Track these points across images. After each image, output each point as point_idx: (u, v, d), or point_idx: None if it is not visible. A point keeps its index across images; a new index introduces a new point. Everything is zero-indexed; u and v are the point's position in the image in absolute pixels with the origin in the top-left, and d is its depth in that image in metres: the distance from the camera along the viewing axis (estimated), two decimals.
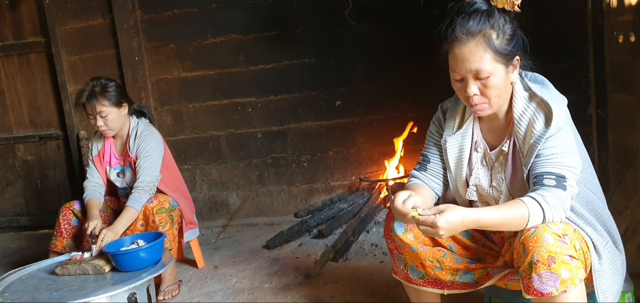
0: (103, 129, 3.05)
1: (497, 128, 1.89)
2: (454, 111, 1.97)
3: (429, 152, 2.04)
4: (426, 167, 2.03)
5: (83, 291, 2.33)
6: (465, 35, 1.69)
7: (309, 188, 4.39)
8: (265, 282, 3.13)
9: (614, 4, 3.34)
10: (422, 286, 1.96)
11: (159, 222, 2.94)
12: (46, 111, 4.70)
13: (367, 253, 3.38)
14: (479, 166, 1.91)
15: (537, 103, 1.76)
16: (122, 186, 3.21)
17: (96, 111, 2.98)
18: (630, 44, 3.10)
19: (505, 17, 1.72)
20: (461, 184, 1.95)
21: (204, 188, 4.55)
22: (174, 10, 4.28)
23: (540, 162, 1.70)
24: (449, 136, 1.95)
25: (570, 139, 1.73)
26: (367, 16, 3.98)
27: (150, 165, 3.05)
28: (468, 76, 1.72)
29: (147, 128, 3.16)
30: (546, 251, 1.54)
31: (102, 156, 3.20)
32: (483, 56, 1.68)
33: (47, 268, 2.71)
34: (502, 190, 1.84)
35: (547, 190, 1.65)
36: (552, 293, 1.54)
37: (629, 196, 3.01)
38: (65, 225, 3.11)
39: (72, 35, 4.46)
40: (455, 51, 1.72)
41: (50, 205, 4.75)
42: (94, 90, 2.98)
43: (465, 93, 1.76)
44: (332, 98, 4.21)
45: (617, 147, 3.53)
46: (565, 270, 1.53)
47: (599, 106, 3.68)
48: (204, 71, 4.35)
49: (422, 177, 2.03)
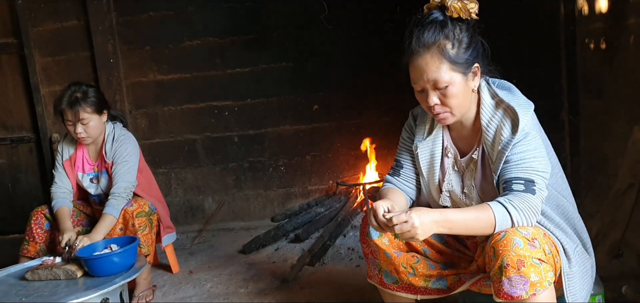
0: (82, 137, 2.94)
1: (466, 136, 1.91)
2: (423, 117, 2.00)
3: (402, 157, 2.06)
4: (399, 172, 2.05)
5: (54, 296, 2.29)
6: (421, 48, 1.72)
7: (286, 192, 4.39)
8: (240, 287, 3.11)
9: (585, 11, 3.41)
10: (396, 291, 1.98)
11: (138, 226, 2.90)
12: (18, 113, 4.61)
13: (344, 258, 3.39)
14: (450, 171, 1.93)
15: (504, 110, 1.79)
16: (95, 193, 3.13)
17: (78, 118, 2.88)
18: (602, 50, 3.16)
19: (461, 26, 1.74)
20: (434, 189, 1.96)
21: (180, 192, 4.51)
22: (150, 12, 4.25)
23: (509, 168, 1.72)
24: (420, 142, 1.98)
25: (538, 144, 1.75)
26: (343, 21, 4.00)
27: (127, 171, 3.00)
28: (427, 86, 1.75)
29: (123, 133, 3.10)
30: (516, 255, 1.57)
31: (73, 162, 3.12)
32: (439, 66, 1.71)
33: (17, 273, 2.66)
34: (473, 196, 1.86)
35: (516, 195, 1.67)
36: (521, 296, 1.55)
37: (600, 201, 3.06)
38: (38, 229, 3.03)
39: (46, 37, 4.40)
40: (413, 63, 1.75)
41: (22, 209, 4.65)
42: (76, 96, 2.88)
43: (426, 104, 1.79)
44: (309, 103, 4.21)
45: (588, 152, 3.60)
46: (535, 273, 1.55)
47: (571, 112, 3.74)
48: (180, 74, 4.32)
49: (396, 182, 2.04)
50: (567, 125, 3.79)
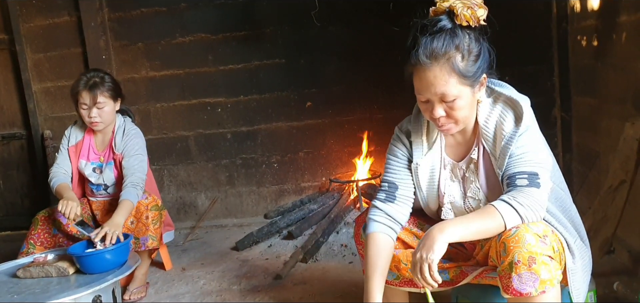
0: (96, 121, 2.95)
1: (464, 138, 1.87)
2: (418, 133, 1.90)
3: (396, 177, 1.93)
4: (395, 195, 1.91)
5: (46, 294, 2.27)
6: (428, 60, 1.62)
7: (278, 189, 4.38)
8: (233, 284, 3.11)
9: (578, 9, 3.42)
10: (398, 286, 1.94)
11: (151, 219, 2.90)
12: (9, 110, 4.58)
13: (337, 254, 3.39)
14: (449, 183, 1.88)
15: (504, 102, 1.76)
16: (96, 182, 3.10)
17: (95, 101, 2.90)
18: (594, 48, 3.18)
19: (471, 35, 1.66)
20: (433, 203, 1.92)
21: (172, 189, 4.50)
22: (142, 8, 4.23)
23: (512, 162, 1.69)
24: (420, 158, 1.89)
25: (539, 136, 1.74)
26: (336, 18, 3.99)
27: (141, 163, 2.99)
28: (433, 99, 1.68)
29: (134, 128, 3.12)
30: (527, 251, 1.54)
31: (79, 149, 3.10)
32: (448, 80, 1.63)
33: (8, 271, 2.63)
34: (480, 198, 1.81)
35: (520, 190, 1.64)
36: (531, 294, 1.53)
37: (592, 197, 3.07)
38: (45, 235, 3.00)
39: (37, 33, 4.36)
40: (420, 75, 1.66)
41: (13, 207, 4.64)
42: (95, 80, 2.92)
43: (431, 115, 1.72)
44: (302, 99, 4.21)
45: (580, 149, 3.61)
46: (545, 270, 1.53)
47: (563, 109, 3.75)
48: (173, 70, 4.31)
49: (389, 211, 1.90)
50: (559, 122, 3.81)
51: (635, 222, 2.59)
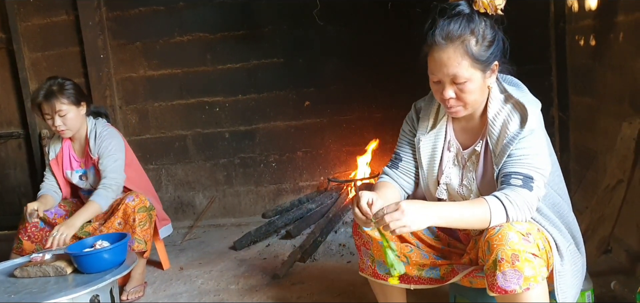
0: (61, 129, 2.95)
1: (471, 128, 1.91)
2: (428, 111, 1.98)
3: (402, 150, 2.05)
4: (398, 165, 2.04)
5: (44, 293, 2.26)
6: (444, 41, 1.69)
7: (277, 189, 4.38)
8: (231, 284, 3.11)
9: (575, 8, 3.42)
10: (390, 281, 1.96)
11: (139, 221, 2.88)
12: (7, 109, 4.58)
13: (335, 254, 3.39)
14: (450, 165, 1.93)
15: (513, 104, 1.79)
16: (86, 189, 3.13)
17: (55, 110, 2.89)
18: (591, 48, 3.18)
19: (486, 22, 1.73)
20: (432, 183, 1.97)
21: (170, 188, 4.50)
22: (140, 8, 4.23)
23: (510, 162, 1.72)
24: (423, 135, 1.97)
25: (542, 142, 1.76)
26: (335, 17, 3.99)
27: (115, 164, 2.99)
28: (445, 80, 1.74)
29: (107, 128, 3.10)
30: (510, 249, 1.57)
31: (60, 160, 3.11)
32: (461, 62, 1.69)
33: (5, 270, 2.63)
34: (472, 189, 1.86)
35: (513, 190, 1.67)
36: (515, 291, 1.56)
37: (589, 196, 3.08)
38: (32, 228, 2.99)
39: (35, 32, 4.36)
40: (434, 55, 1.72)
41: (11, 206, 4.63)
42: (52, 89, 2.90)
43: (441, 96, 1.78)
44: (300, 98, 4.21)
45: (578, 148, 3.62)
46: (529, 267, 1.56)
47: (561, 109, 3.76)
48: (171, 69, 4.30)
49: (393, 175, 2.05)
50: (556, 121, 3.81)
51: (632, 221, 2.60)
